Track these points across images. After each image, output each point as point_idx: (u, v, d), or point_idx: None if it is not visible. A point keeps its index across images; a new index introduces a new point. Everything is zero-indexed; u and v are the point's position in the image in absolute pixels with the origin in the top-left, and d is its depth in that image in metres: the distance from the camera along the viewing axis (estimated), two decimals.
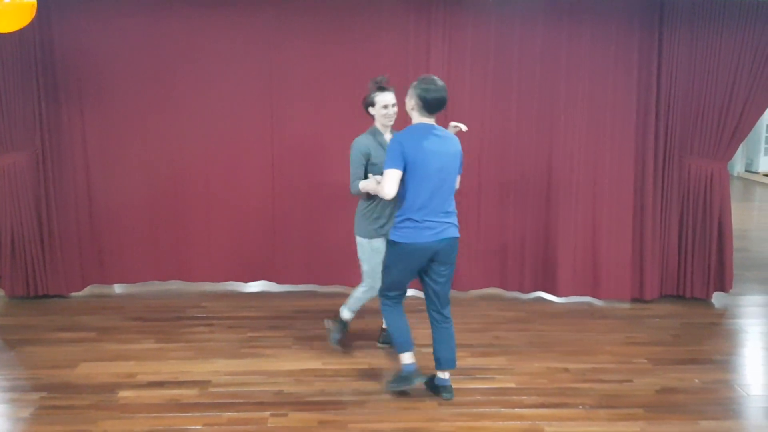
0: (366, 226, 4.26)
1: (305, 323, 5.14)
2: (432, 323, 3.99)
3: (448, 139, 3.80)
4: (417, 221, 3.70)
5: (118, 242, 5.65)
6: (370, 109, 4.24)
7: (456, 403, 3.92)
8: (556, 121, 5.60)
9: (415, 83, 3.77)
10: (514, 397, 4.00)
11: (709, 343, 4.93)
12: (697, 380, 4.27)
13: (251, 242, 5.72)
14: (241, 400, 3.91)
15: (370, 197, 4.19)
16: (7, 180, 5.26)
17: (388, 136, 4.22)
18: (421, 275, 3.92)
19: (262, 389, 4.05)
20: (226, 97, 5.47)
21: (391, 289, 3.97)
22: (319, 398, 3.96)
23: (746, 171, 14.74)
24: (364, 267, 4.36)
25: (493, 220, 5.72)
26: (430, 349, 3.99)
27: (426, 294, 3.97)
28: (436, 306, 3.95)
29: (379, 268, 4.10)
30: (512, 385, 4.16)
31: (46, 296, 5.56)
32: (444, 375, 4.00)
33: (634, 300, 5.71)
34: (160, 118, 5.45)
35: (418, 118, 3.78)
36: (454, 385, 4.06)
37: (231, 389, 4.05)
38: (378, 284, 4.13)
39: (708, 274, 5.67)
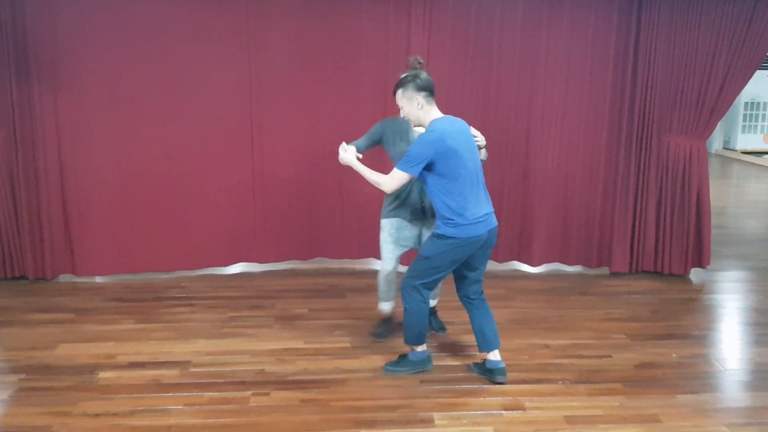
0: (384, 206, 4.28)
1: (286, 302, 5.13)
2: (472, 307, 3.96)
3: (458, 122, 3.73)
4: (467, 218, 3.63)
5: (91, 228, 5.48)
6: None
7: (437, 379, 3.94)
8: (534, 101, 5.63)
9: (402, 85, 3.65)
10: None
11: (686, 318, 4.99)
12: (674, 355, 4.33)
13: (232, 223, 5.67)
14: (223, 380, 3.90)
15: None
16: None
17: (417, 129, 3.97)
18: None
19: (243, 369, 4.05)
20: (203, 80, 5.37)
21: (431, 286, 3.85)
22: (301, 377, 3.96)
23: (724, 148, 14.89)
24: (381, 245, 4.33)
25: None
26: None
27: (462, 279, 3.91)
28: (476, 288, 3.93)
29: (383, 246, 4.23)
30: None
31: (23, 278, 5.49)
32: (496, 356, 3.93)
33: (608, 273, 5.77)
34: (135, 101, 5.32)
35: (429, 112, 3.65)
36: (436, 363, 4.09)
37: (212, 369, 4.04)
38: (384, 265, 4.26)
39: (686, 251, 5.73)
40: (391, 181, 3.64)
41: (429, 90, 3.64)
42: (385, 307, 4.47)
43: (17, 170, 5.28)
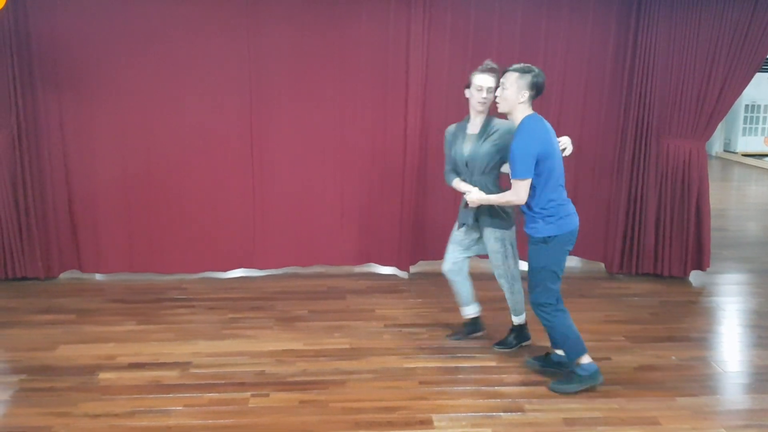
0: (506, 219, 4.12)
1: (286, 304, 5.14)
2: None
3: (544, 120, 3.77)
4: (563, 208, 3.70)
5: (94, 229, 5.54)
6: (466, 91, 4.03)
7: (436, 381, 3.94)
8: (535, 102, 5.64)
9: (522, 71, 3.63)
10: (495, 376, 4.03)
11: (686, 320, 4.99)
12: (674, 357, 4.33)
13: (231, 229, 5.67)
14: (222, 381, 3.91)
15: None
16: None
17: (477, 122, 4.03)
18: None
19: (243, 370, 4.06)
20: (204, 83, 5.39)
21: (555, 288, 3.81)
22: (301, 378, 3.97)
23: (725, 151, 14.88)
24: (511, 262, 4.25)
25: None
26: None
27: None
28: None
29: (448, 246, 4.28)
30: (493, 363, 4.19)
31: (24, 279, 5.50)
32: (560, 351, 4.01)
33: (607, 274, 5.78)
34: (137, 102, 5.35)
35: (525, 108, 3.68)
36: (436, 365, 4.11)
37: (212, 370, 4.05)
38: (444, 265, 4.32)
39: (686, 253, 5.73)
40: (518, 193, 3.65)
41: (539, 92, 3.68)
42: (519, 320, 4.44)
43: (20, 171, 5.29)
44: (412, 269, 5.87)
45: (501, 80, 3.72)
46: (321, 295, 5.35)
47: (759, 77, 11.86)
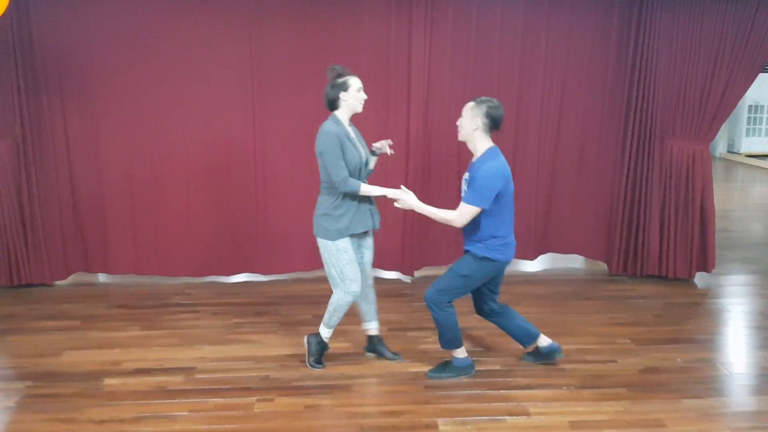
0: (330, 227, 3.93)
1: (290, 308, 5.14)
2: (498, 316, 4.14)
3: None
4: (506, 240, 3.84)
5: (100, 233, 5.59)
6: (342, 95, 3.89)
7: (442, 385, 3.94)
8: (535, 105, 5.70)
9: (477, 102, 3.74)
10: (500, 379, 4.03)
11: (691, 322, 4.98)
12: (679, 359, 4.32)
13: (235, 234, 5.68)
14: (227, 386, 3.91)
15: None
16: None
17: (348, 128, 3.96)
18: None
19: (248, 375, 4.06)
20: (207, 88, 5.40)
21: (456, 298, 3.93)
22: (305, 383, 3.97)
23: (728, 152, 14.86)
24: (332, 272, 4.01)
25: None
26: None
27: (484, 295, 4.07)
28: (495, 297, 4.10)
29: (348, 268, 3.94)
30: (498, 367, 4.19)
31: (29, 285, 5.52)
32: (546, 341, 4.17)
33: (611, 277, 5.78)
34: (141, 107, 5.38)
35: (483, 139, 3.76)
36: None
37: (217, 375, 4.05)
38: (352, 287, 3.98)
39: (690, 255, 5.72)
40: (463, 217, 3.72)
41: (494, 122, 3.72)
42: (328, 333, 4.19)
43: (25, 178, 5.31)
44: (417, 274, 5.87)
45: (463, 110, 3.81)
46: (325, 299, 5.27)
47: (762, 78, 11.83)
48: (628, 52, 5.53)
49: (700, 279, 5.87)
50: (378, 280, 5.80)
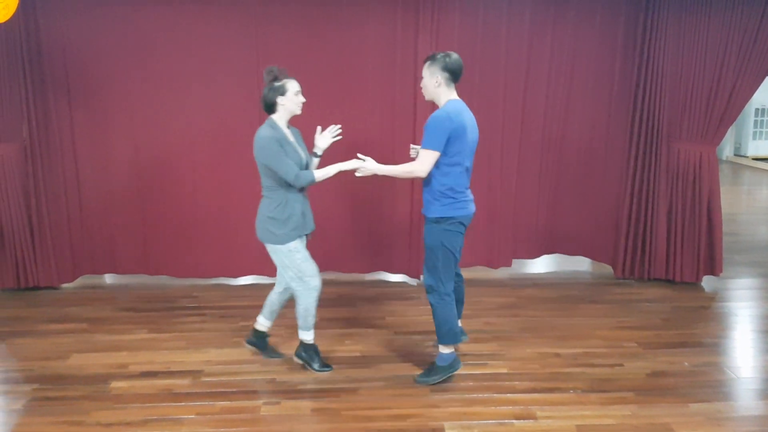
0: (278, 231, 3.88)
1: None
2: (458, 286, 4.16)
3: (467, 108, 3.84)
4: (462, 194, 3.80)
5: (107, 234, 5.63)
6: (279, 99, 3.86)
7: (448, 389, 3.94)
8: (541, 108, 5.70)
9: (431, 59, 3.77)
10: (506, 383, 4.02)
11: (698, 326, 4.96)
12: (687, 363, 4.31)
13: (241, 235, 5.69)
14: (234, 389, 3.92)
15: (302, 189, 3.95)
16: None
17: (287, 131, 3.92)
18: None
19: (254, 378, 4.06)
20: (213, 88, 5.42)
21: (450, 279, 3.88)
22: (312, 386, 3.97)
23: (735, 155, 14.80)
24: (290, 273, 3.98)
25: (480, 202, 5.80)
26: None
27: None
28: (456, 269, 4.06)
29: (305, 265, 3.95)
30: (504, 370, 4.18)
31: (36, 288, 5.53)
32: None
33: (618, 280, 5.78)
34: (148, 109, 5.41)
35: (446, 92, 3.79)
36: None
37: (223, 378, 4.06)
38: (313, 282, 3.98)
39: (698, 258, 5.70)
40: (423, 164, 3.70)
41: (453, 73, 3.75)
42: (309, 337, 4.16)
43: (32, 182, 5.33)
44: (423, 277, 5.86)
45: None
46: (331, 302, 5.35)
47: None
48: (634, 54, 5.53)
49: (707, 282, 5.85)
50: (383, 283, 5.82)
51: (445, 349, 3.99)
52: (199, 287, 5.70)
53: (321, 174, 3.88)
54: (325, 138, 4.20)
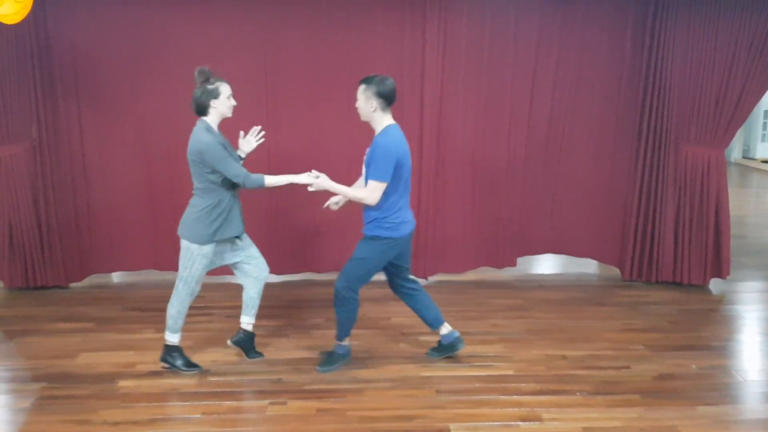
0: (201, 231, 3.91)
1: (303, 312, 5.15)
2: (408, 295, 4.27)
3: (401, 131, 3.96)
4: (399, 219, 3.93)
5: (115, 233, 5.65)
6: (213, 102, 3.88)
7: (454, 390, 3.94)
8: (549, 113, 5.71)
9: (366, 83, 3.83)
10: (513, 385, 4.02)
11: (706, 329, 4.95)
12: (694, 366, 4.30)
13: (247, 232, 5.70)
14: (240, 389, 3.93)
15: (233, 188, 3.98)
16: (4, 171, 5.25)
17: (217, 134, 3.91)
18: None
19: (260, 378, 4.07)
20: None
21: (363, 283, 4.05)
22: (318, 386, 3.98)
23: (743, 157, 14.73)
24: (184, 273, 4.01)
25: (487, 204, 5.86)
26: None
27: (394, 275, 4.22)
28: (407, 277, 4.25)
29: (201, 271, 4.01)
30: (510, 372, 4.18)
31: (44, 287, 5.56)
32: (447, 329, 4.25)
33: (625, 282, 5.77)
34: (156, 109, 5.42)
35: (383, 117, 3.87)
36: (452, 374, 4.12)
37: (230, 378, 4.07)
38: (197, 288, 4.08)
39: (705, 261, 5.69)
40: (372, 193, 3.82)
41: (388, 99, 3.82)
42: (176, 339, 4.18)
43: (41, 181, 5.36)
44: (430, 278, 5.86)
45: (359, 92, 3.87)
46: None
47: None
48: (642, 57, 5.51)
49: (714, 285, 5.83)
50: (382, 283, 5.80)
51: (345, 341, 4.22)
52: (205, 287, 5.66)
53: (272, 180, 3.96)
54: (249, 142, 4.25)
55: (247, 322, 4.31)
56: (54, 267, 5.51)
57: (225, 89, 3.92)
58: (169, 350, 4.16)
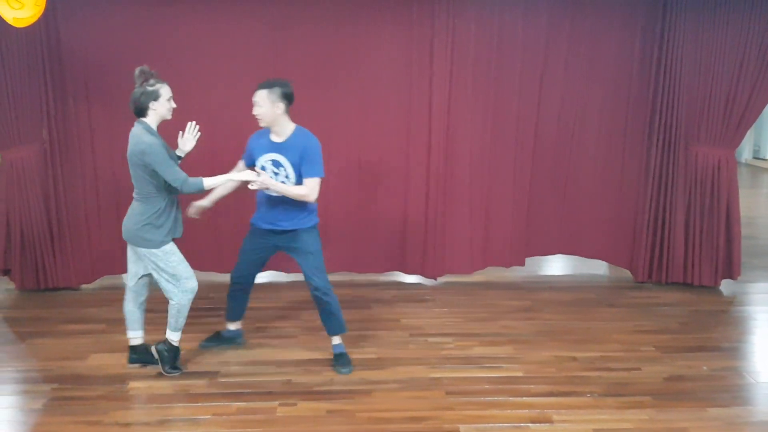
0: (152, 237, 3.90)
1: (312, 313, 5.10)
2: (251, 285, 4.51)
3: None
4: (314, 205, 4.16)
5: None
6: (152, 104, 3.87)
7: (464, 391, 3.93)
8: (558, 112, 5.70)
9: (269, 87, 3.94)
10: (523, 386, 4.01)
11: (717, 330, 4.92)
12: (705, 368, 4.28)
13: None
14: (250, 390, 3.94)
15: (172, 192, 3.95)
16: (15, 173, 5.28)
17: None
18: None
19: (270, 379, 4.08)
20: (230, 89, 5.43)
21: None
22: (327, 388, 3.98)
23: (754, 158, 14.66)
24: (164, 276, 3.99)
25: (496, 204, 5.86)
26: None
27: (261, 265, 4.44)
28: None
29: (181, 267, 3.99)
30: (520, 374, 4.17)
31: (55, 289, 5.58)
32: (236, 326, 4.59)
33: (635, 283, 5.74)
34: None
35: (287, 119, 4.03)
36: (462, 375, 4.12)
37: (240, 379, 4.08)
38: (189, 283, 4.06)
39: (716, 262, 5.66)
40: (313, 190, 3.98)
41: (290, 101, 4.01)
42: (177, 337, 4.18)
43: (52, 183, 5.38)
44: (439, 278, 5.86)
45: (254, 99, 3.95)
46: (346, 304, 5.31)
47: None
48: (652, 57, 5.49)
49: (725, 286, 5.80)
50: (398, 285, 5.83)
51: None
52: (215, 288, 5.71)
53: (210, 182, 3.93)
54: (188, 141, 4.22)
55: (133, 336, 4.26)
56: (65, 269, 5.54)
57: (165, 91, 3.90)
58: (169, 348, 4.15)
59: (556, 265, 6.42)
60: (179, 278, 4.00)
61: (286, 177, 3.99)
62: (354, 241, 5.82)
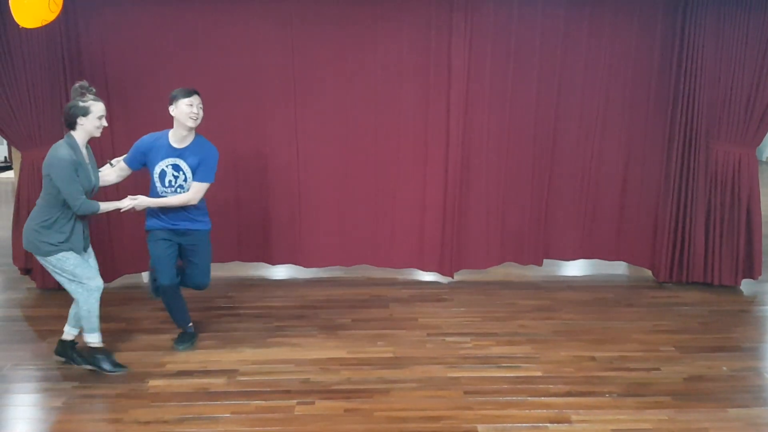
0: (41, 244, 3.87)
1: (330, 312, 5.17)
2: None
3: None
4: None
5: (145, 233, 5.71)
6: (80, 119, 3.83)
7: (482, 391, 3.93)
8: (576, 110, 5.66)
9: (198, 93, 4.29)
10: (541, 386, 4.00)
11: (737, 330, 4.88)
12: (725, 368, 4.24)
13: (277, 225, 5.79)
14: (268, 389, 3.96)
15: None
16: (37, 174, 5.33)
17: (84, 152, 3.93)
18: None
19: (288, 378, 4.10)
20: (249, 90, 5.48)
21: None
22: (345, 386, 3.99)
23: None
24: (63, 279, 3.96)
25: (513, 203, 5.85)
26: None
27: (175, 260, 4.50)
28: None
29: (79, 269, 3.95)
30: (539, 373, 4.16)
31: None
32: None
33: (655, 283, 5.70)
34: None
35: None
36: (480, 374, 4.12)
37: (258, 378, 4.10)
38: (92, 282, 4.02)
39: (736, 261, 5.60)
40: (198, 194, 4.27)
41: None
42: (96, 339, 4.16)
43: None
44: (456, 276, 5.84)
45: (196, 102, 4.29)
46: (364, 303, 5.37)
47: None
48: (672, 55, 5.44)
49: (746, 286, 5.74)
50: (416, 284, 5.83)
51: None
52: (234, 287, 5.75)
53: (104, 207, 4.01)
54: (110, 174, 4.39)
55: (67, 331, 4.28)
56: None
57: (96, 109, 3.88)
58: (93, 352, 4.15)
59: (574, 265, 6.38)
60: (80, 280, 3.98)
61: (185, 180, 4.24)
62: (372, 234, 5.83)
